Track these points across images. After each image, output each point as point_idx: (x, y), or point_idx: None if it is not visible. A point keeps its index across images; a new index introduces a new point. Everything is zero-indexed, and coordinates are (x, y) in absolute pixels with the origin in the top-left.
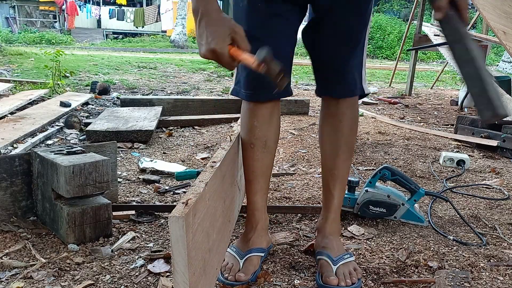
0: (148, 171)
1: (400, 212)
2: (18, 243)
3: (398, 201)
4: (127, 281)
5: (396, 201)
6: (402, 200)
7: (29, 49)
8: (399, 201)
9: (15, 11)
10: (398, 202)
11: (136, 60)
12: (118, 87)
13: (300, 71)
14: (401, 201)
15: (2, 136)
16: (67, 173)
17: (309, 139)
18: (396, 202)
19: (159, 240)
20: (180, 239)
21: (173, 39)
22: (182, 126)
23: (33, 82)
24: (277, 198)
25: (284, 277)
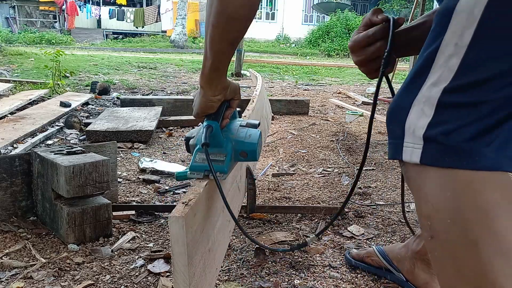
0: (148, 171)
1: None
2: (18, 243)
3: None
4: (127, 281)
5: None
6: None
7: (29, 49)
8: None
9: (15, 11)
10: None
11: (136, 60)
12: (118, 87)
13: (300, 71)
14: None
15: (2, 136)
16: (67, 173)
17: (309, 139)
18: None
19: (159, 240)
20: (180, 239)
21: (173, 39)
22: (182, 126)
23: (33, 82)
24: (277, 198)
25: (284, 277)
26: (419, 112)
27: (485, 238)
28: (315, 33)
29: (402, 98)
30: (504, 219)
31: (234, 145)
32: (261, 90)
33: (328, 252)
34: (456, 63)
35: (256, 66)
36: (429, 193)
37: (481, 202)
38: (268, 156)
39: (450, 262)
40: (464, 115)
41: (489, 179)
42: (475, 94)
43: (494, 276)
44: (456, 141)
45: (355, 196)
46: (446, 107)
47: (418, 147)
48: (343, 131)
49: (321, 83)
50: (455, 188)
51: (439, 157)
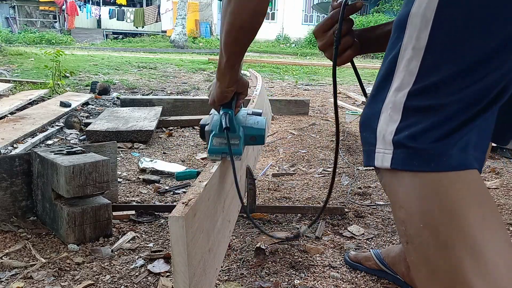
0: (148, 171)
1: None
2: (18, 243)
3: None
4: (127, 281)
5: None
6: None
7: (29, 49)
8: None
9: (15, 11)
10: None
11: (136, 60)
12: (118, 87)
13: (300, 71)
14: None
15: (2, 136)
16: (67, 173)
17: (309, 139)
18: None
19: (159, 240)
20: (180, 239)
21: (173, 39)
22: (182, 126)
23: (33, 82)
24: (277, 198)
25: (284, 277)
26: (387, 117)
27: (454, 239)
28: None
29: (372, 105)
30: (473, 220)
31: (244, 130)
32: (261, 90)
33: (328, 252)
34: (416, 66)
35: (256, 66)
36: (402, 198)
37: (449, 204)
38: (268, 156)
39: (424, 265)
40: (428, 118)
41: (456, 179)
42: (436, 97)
43: (465, 276)
44: (423, 144)
45: (355, 196)
46: (411, 111)
47: (388, 152)
48: (343, 131)
49: (321, 83)
50: (424, 192)
51: (408, 161)
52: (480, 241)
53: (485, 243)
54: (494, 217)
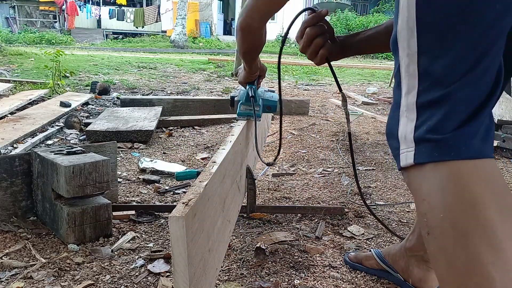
0: (148, 171)
1: None
2: (18, 243)
3: None
4: (127, 281)
5: None
6: None
7: (29, 49)
8: None
9: (15, 11)
10: None
11: (136, 60)
12: (118, 87)
13: (300, 71)
14: None
15: (2, 136)
16: (67, 173)
17: (309, 139)
18: None
19: (159, 240)
20: (180, 239)
21: (173, 39)
22: (182, 126)
23: (33, 82)
24: (277, 198)
25: (284, 277)
26: (405, 120)
27: (473, 230)
28: None
29: (393, 116)
30: (491, 210)
31: (263, 101)
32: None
33: (328, 252)
34: (415, 69)
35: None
36: (424, 191)
37: (469, 195)
38: (268, 156)
39: (442, 255)
40: (441, 109)
41: (476, 169)
42: (443, 87)
43: (483, 266)
44: (442, 135)
45: (355, 196)
46: (424, 107)
47: (411, 149)
48: (343, 131)
49: (321, 83)
50: (445, 182)
51: (429, 153)
52: (499, 232)
53: (504, 234)
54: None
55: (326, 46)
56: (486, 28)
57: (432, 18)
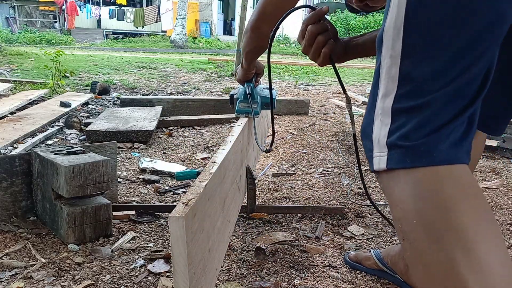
0: (148, 171)
1: None
2: (18, 243)
3: None
4: (127, 281)
5: None
6: None
7: (29, 49)
8: None
9: (15, 11)
10: None
11: (136, 60)
12: (118, 87)
13: (300, 71)
14: None
15: (2, 136)
16: (67, 173)
17: (309, 139)
18: None
19: (159, 240)
20: (180, 239)
21: (173, 39)
22: (182, 126)
23: (33, 82)
24: (277, 198)
25: (284, 277)
26: (379, 123)
27: (446, 234)
28: None
29: (367, 115)
30: (463, 214)
31: (261, 99)
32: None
33: (328, 252)
34: (396, 72)
35: None
36: (397, 196)
37: (441, 200)
38: (268, 156)
39: (419, 260)
40: (416, 117)
41: (448, 174)
42: (421, 96)
43: (458, 270)
44: (414, 141)
45: (355, 196)
46: (400, 113)
47: (384, 154)
48: (343, 131)
49: (321, 83)
50: (417, 188)
51: (401, 159)
52: (472, 234)
53: (477, 237)
54: (486, 212)
55: (329, 44)
56: (477, 37)
57: (421, 20)
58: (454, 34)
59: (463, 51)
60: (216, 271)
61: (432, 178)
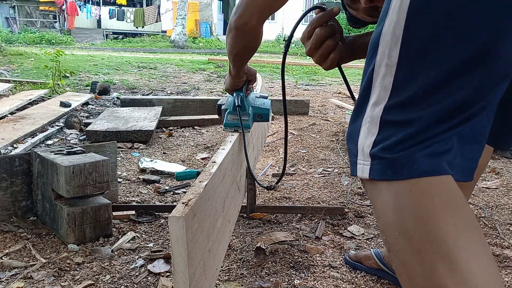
0: (148, 171)
1: None
2: (18, 243)
3: None
4: (127, 281)
5: None
6: None
7: (29, 49)
8: None
9: (15, 11)
10: None
11: (136, 60)
12: (118, 87)
13: (300, 71)
14: None
15: (2, 136)
16: (67, 173)
17: (309, 139)
18: None
19: (159, 240)
20: (180, 239)
21: (173, 39)
22: (182, 126)
23: (33, 82)
24: (277, 198)
25: (284, 277)
26: (366, 131)
27: (427, 245)
28: None
29: (355, 119)
30: (444, 224)
31: (253, 110)
32: (261, 90)
33: (328, 252)
34: (390, 81)
35: (256, 66)
36: (379, 208)
37: (421, 211)
38: (268, 156)
39: (403, 271)
40: (402, 131)
41: (428, 186)
42: (410, 111)
43: (440, 280)
44: (395, 153)
45: (355, 196)
46: (387, 125)
47: (367, 163)
48: (343, 131)
49: (321, 83)
50: (398, 200)
51: (383, 171)
52: (452, 245)
53: (458, 246)
54: (468, 221)
55: (338, 49)
56: (475, 58)
57: (421, 33)
58: (452, 54)
59: (459, 70)
60: (216, 271)
61: (412, 190)
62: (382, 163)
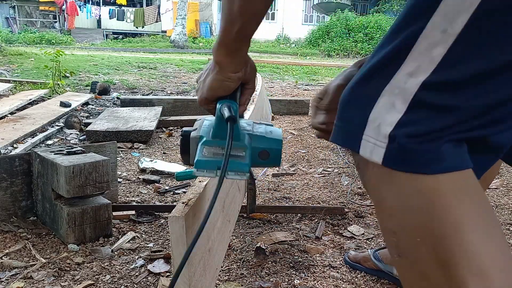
0: (148, 171)
1: None
2: (18, 243)
3: None
4: (127, 281)
5: None
6: None
7: (29, 49)
8: None
9: (15, 11)
10: None
11: (136, 60)
12: (118, 87)
13: (300, 71)
14: None
15: (2, 136)
16: (67, 173)
17: (309, 139)
18: None
19: (159, 240)
20: (180, 239)
21: (173, 39)
22: (182, 126)
23: (33, 82)
24: (277, 198)
25: (284, 277)
26: (388, 104)
27: (457, 257)
28: (315, 33)
29: (368, 82)
30: (475, 235)
31: (252, 141)
32: (261, 90)
33: (328, 252)
34: (441, 53)
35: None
36: (393, 205)
37: (451, 217)
38: None
39: (421, 283)
40: (439, 118)
41: (458, 183)
42: (454, 97)
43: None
44: (425, 145)
45: (355, 196)
46: (421, 105)
47: (381, 145)
48: None
49: (321, 83)
50: (422, 200)
51: (405, 160)
52: (484, 257)
53: (489, 259)
54: (497, 230)
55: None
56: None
57: (502, 14)
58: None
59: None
60: (216, 271)
61: (441, 190)
62: (405, 151)
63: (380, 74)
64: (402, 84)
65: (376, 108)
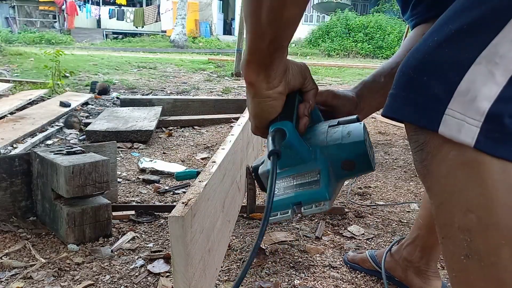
0: (148, 171)
1: None
2: (18, 243)
3: None
4: (127, 281)
5: None
6: None
7: (29, 49)
8: None
9: (15, 11)
10: None
11: (136, 60)
12: (118, 87)
13: None
14: None
15: (2, 136)
16: (67, 173)
17: None
18: None
19: (159, 240)
20: (180, 239)
21: (173, 39)
22: (182, 126)
23: (33, 82)
24: None
25: (284, 277)
26: (486, 73)
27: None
28: (315, 33)
29: (456, 45)
30: None
31: (328, 154)
32: None
33: (328, 252)
34: None
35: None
36: (478, 200)
37: None
38: None
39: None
40: None
41: None
42: None
43: None
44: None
45: (355, 196)
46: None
47: (474, 123)
48: None
49: (321, 83)
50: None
51: (505, 144)
52: None
53: None
54: None
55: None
56: None
57: None
58: None
59: None
60: (216, 271)
61: None
62: (508, 134)
63: (468, 36)
64: (504, 51)
65: (467, 76)
